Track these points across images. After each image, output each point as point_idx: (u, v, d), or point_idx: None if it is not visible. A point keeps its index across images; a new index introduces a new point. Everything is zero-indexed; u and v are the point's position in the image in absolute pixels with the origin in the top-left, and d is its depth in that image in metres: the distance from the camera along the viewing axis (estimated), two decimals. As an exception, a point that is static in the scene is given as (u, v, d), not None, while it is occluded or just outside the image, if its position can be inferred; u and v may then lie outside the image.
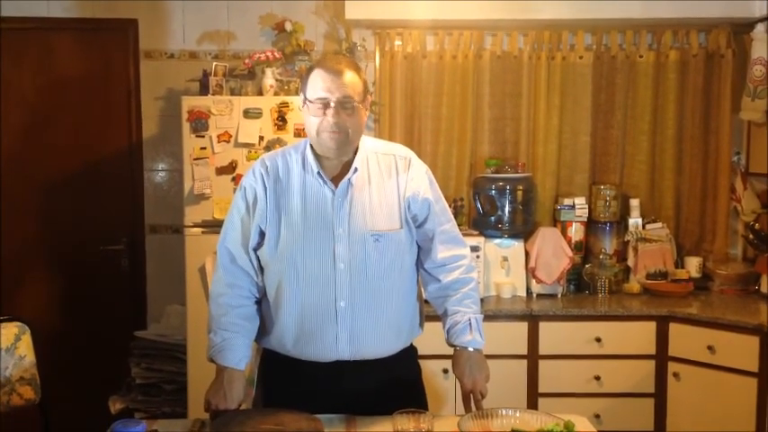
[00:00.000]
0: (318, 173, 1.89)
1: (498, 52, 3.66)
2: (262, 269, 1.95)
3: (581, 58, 3.63)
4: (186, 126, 3.21)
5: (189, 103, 3.22)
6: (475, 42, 3.63)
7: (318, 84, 1.83)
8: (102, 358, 3.65)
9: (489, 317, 3.22)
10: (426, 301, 2.08)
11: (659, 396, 3.22)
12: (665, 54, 3.62)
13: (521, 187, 3.53)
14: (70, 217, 3.73)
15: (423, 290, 2.08)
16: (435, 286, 2.01)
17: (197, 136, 3.20)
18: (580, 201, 3.58)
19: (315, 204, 1.88)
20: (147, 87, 3.71)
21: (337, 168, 1.91)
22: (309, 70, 1.89)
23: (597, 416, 3.17)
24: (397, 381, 1.95)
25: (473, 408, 1.89)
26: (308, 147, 1.92)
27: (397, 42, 3.64)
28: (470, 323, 1.95)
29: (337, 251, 1.86)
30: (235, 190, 3.13)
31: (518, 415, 1.79)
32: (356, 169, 1.90)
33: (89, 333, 3.73)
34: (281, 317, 1.91)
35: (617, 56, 3.63)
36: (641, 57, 3.62)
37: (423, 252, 2.01)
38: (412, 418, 1.72)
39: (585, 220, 3.59)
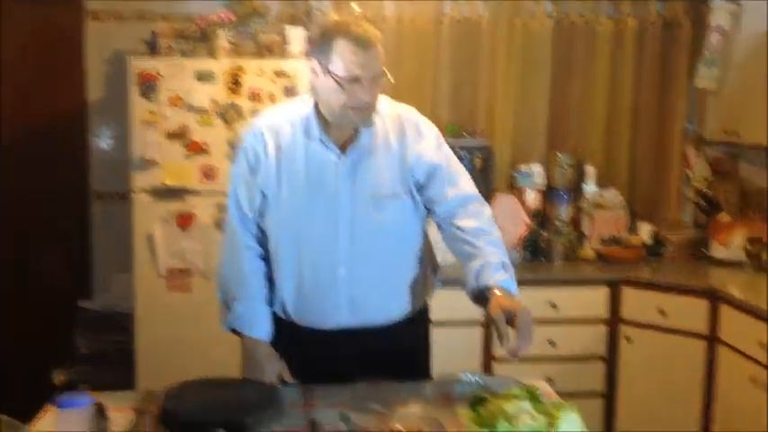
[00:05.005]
0: (321, 139, 1.80)
1: (458, 18, 3.60)
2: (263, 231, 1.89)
3: (541, 25, 3.61)
4: (134, 89, 3.07)
5: (137, 64, 3.08)
6: (434, 8, 3.57)
7: (349, 58, 1.67)
8: (46, 329, 3.52)
9: (443, 282, 3.22)
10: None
11: (611, 359, 3.29)
12: (623, 22, 3.62)
13: (479, 154, 3.51)
14: (13, 183, 3.55)
15: (438, 234, 1.94)
16: (452, 231, 1.88)
17: (146, 99, 3.08)
18: (537, 168, 3.59)
19: (318, 170, 1.80)
20: (93, 49, 3.55)
21: (345, 133, 1.81)
22: (329, 37, 1.70)
23: (550, 379, 3.20)
24: (400, 347, 1.88)
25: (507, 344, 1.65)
26: (313, 111, 1.81)
27: (355, 7, 3.55)
28: (503, 264, 1.81)
29: (340, 217, 1.80)
30: (187, 156, 3.12)
31: (480, 380, 1.79)
32: (370, 134, 1.81)
33: (32, 304, 3.58)
34: (281, 281, 1.87)
35: (576, 23, 3.62)
36: (601, 25, 3.62)
37: (436, 206, 1.88)
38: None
39: (543, 187, 3.60)
